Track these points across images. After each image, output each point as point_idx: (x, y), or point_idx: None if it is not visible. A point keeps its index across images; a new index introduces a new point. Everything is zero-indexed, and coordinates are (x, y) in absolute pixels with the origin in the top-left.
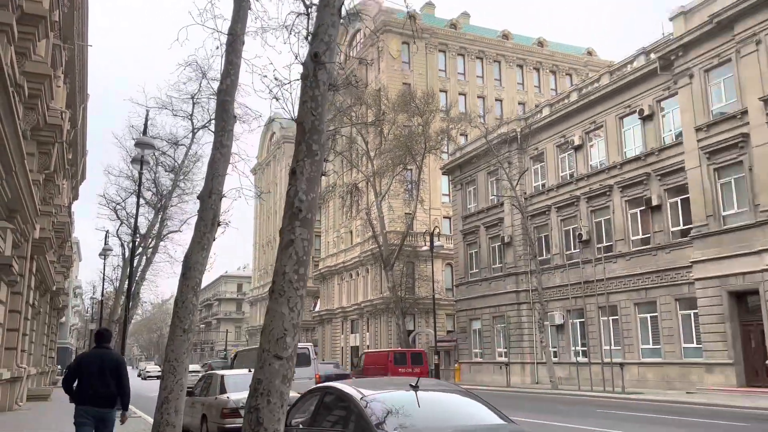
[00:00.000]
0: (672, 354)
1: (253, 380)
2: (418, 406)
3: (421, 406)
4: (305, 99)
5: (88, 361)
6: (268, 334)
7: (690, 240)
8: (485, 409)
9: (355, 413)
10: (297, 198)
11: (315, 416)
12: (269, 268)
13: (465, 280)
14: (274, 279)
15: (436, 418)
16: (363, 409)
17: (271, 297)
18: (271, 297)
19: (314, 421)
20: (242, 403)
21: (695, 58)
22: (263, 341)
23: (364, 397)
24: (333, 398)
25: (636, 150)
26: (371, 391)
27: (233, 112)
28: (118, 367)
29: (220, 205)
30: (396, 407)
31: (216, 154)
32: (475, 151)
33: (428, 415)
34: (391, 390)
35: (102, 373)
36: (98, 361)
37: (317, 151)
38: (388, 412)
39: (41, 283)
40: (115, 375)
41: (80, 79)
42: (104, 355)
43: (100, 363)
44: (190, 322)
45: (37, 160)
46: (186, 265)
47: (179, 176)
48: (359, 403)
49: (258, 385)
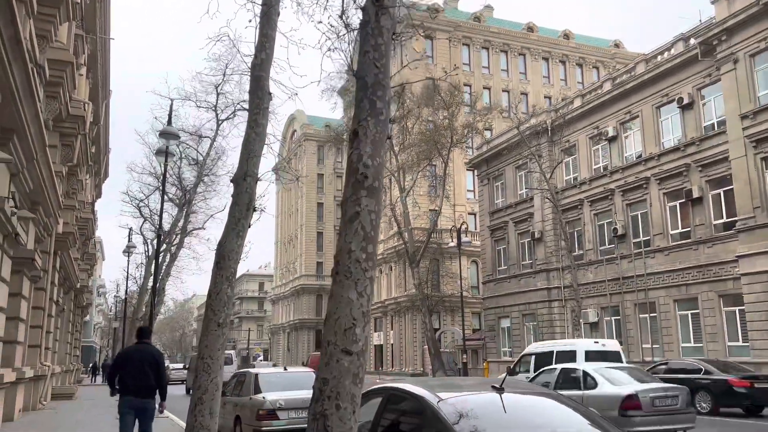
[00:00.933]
0: (716, 353)
1: (317, 380)
2: (504, 411)
3: (507, 412)
4: (367, 49)
5: (129, 355)
6: (334, 324)
7: (735, 233)
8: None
9: (429, 419)
10: (361, 163)
11: (377, 422)
12: (291, 266)
13: (493, 277)
14: (338, 259)
15: (527, 425)
16: (441, 415)
17: (335, 280)
18: (335, 280)
19: (376, 428)
20: (279, 404)
21: (740, 43)
22: (327, 333)
23: (441, 401)
24: (400, 401)
25: (674, 140)
26: (449, 394)
27: (268, 89)
28: (156, 361)
29: (255, 188)
30: (478, 413)
31: (251, 133)
32: (503, 144)
33: (517, 423)
34: (472, 392)
35: (142, 366)
36: (138, 355)
37: (382, 109)
38: (470, 419)
39: (65, 280)
40: (154, 368)
41: (103, 75)
42: (144, 350)
43: (140, 357)
44: (226, 316)
45: (59, 153)
46: (220, 253)
47: (204, 169)
48: (435, 408)
49: (324, 386)
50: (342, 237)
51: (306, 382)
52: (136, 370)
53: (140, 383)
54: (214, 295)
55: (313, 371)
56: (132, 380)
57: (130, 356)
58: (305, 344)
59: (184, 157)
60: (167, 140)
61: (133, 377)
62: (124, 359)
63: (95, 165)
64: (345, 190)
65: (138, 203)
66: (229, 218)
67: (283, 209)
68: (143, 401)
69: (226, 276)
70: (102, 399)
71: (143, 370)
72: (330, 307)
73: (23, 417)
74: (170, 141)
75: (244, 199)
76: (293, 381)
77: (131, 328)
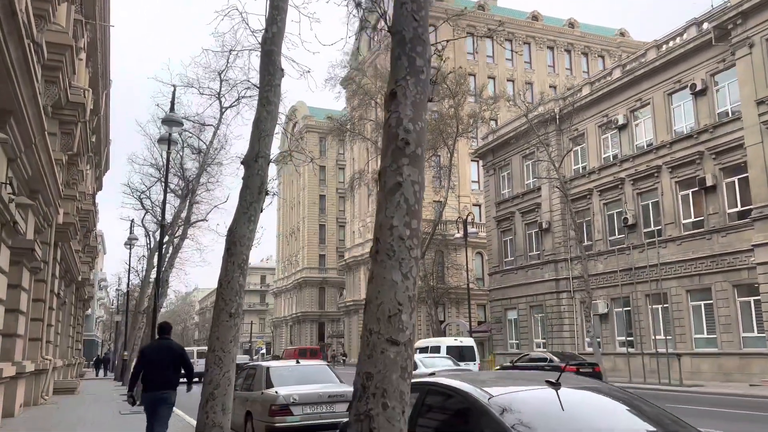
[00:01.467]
0: (730, 344)
1: (360, 376)
2: (561, 409)
3: (565, 410)
4: (404, 0)
5: (150, 351)
6: (376, 310)
7: (750, 222)
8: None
9: (479, 419)
10: (401, 128)
11: (414, 422)
12: (293, 259)
13: (499, 268)
14: (378, 236)
15: (590, 427)
16: (494, 415)
17: (376, 260)
18: (376, 260)
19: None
20: (293, 399)
21: (756, 26)
22: (369, 320)
23: (492, 398)
24: (441, 398)
25: (687, 128)
26: (499, 390)
27: (280, 65)
28: (180, 356)
29: (267, 170)
30: (534, 412)
31: (262, 111)
32: (509, 134)
33: (576, 422)
34: (524, 388)
35: (162, 361)
36: (159, 351)
37: (422, 67)
38: (526, 419)
39: (66, 272)
40: (176, 362)
41: (103, 64)
42: (165, 346)
43: (161, 353)
44: (238, 305)
45: (59, 141)
46: (230, 239)
47: (207, 158)
48: (486, 406)
49: (367, 381)
50: (382, 211)
51: (320, 376)
52: (157, 365)
53: (161, 378)
54: (225, 283)
55: (327, 364)
56: (153, 376)
57: (151, 352)
58: (308, 337)
59: (186, 146)
60: (170, 127)
61: (154, 373)
62: (146, 355)
63: (96, 156)
64: (383, 158)
65: (139, 195)
66: (240, 202)
67: (285, 202)
68: (163, 393)
69: (238, 263)
70: (104, 393)
71: (164, 365)
72: (371, 292)
73: (24, 412)
74: (173, 128)
75: (255, 182)
76: (306, 374)
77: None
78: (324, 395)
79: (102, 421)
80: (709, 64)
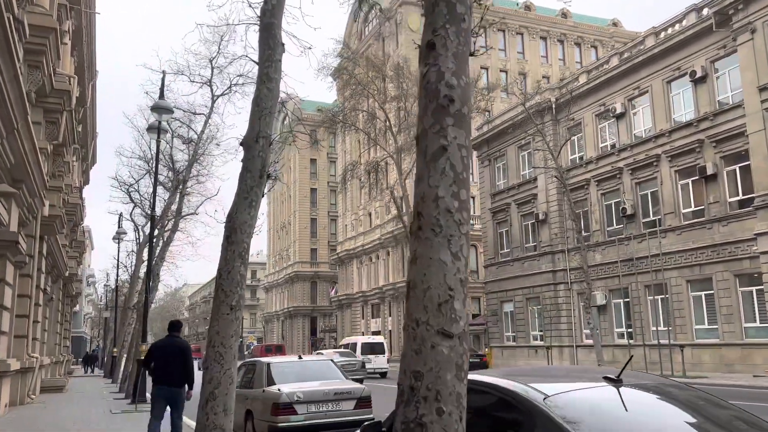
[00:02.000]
0: (731, 335)
1: (406, 374)
2: (624, 409)
3: (629, 410)
4: None
5: (158, 348)
6: (422, 296)
7: (753, 210)
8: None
9: (534, 423)
10: (443, 83)
11: None
12: (284, 253)
13: (495, 260)
14: (419, 210)
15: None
16: (554, 419)
17: (418, 237)
18: (418, 237)
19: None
20: (297, 397)
21: (758, 11)
22: (414, 309)
23: (547, 398)
24: (484, 399)
25: (687, 116)
26: (553, 388)
27: (281, 39)
28: (182, 353)
29: (269, 151)
30: (596, 413)
31: (262, 89)
32: (504, 124)
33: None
34: (581, 385)
35: (168, 358)
36: (166, 347)
37: (463, 15)
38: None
39: (53, 267)
40: (181, 359)
41: (88, 53)
42: (171, 343)
43: (167, 349)
44: (239, 297)
45: (44, 130)
46: (230, 226)
47: (198, 148)
48: (542, 408)
49: (416, 382)
50: (423, 181)
51: (324, 372)
52: (163, 361)
53: (167, 373)
54: (225, 273)
55: (331, 360)
56: (160, 371)
57: (159, 349)
58: (300, 331)
59: (176, 136)
60: (160, 114)
61: (161, 368)
62: (154, 351)
63: (82, 149)
64: (421, 120)
65: (128, 188)
66: (240, 186)
67: (275, 196)
68: (172, 390)
69: (239, 252)
70: (94, 392)
71: (169, 361)
72: (414, 275)
73: (10, 412)
74: (163, 116)
75: (256, 164)
76: (310, 371)
77: (123, 317)
78: (330, 393)
79: (92, 420)
80: (709, 51)
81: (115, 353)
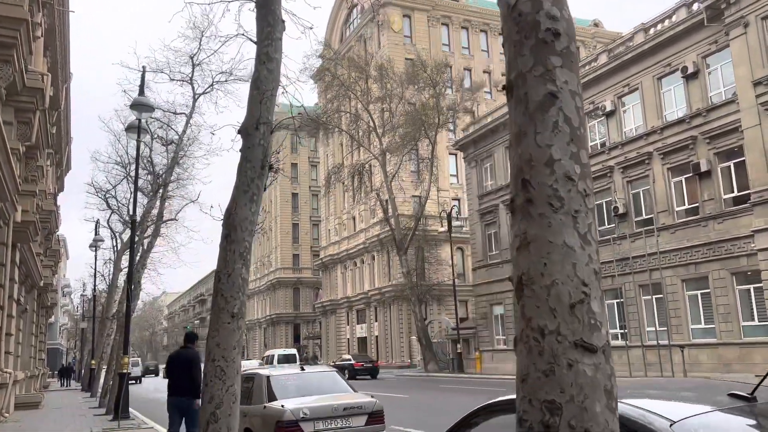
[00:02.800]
0: (729, 334)
1: (533, 406)
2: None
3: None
4: None
5: (171, 358)
6: (546, 295)
7: (749, 207)
8: None
9: None
10: (543, 14)
11: None
12: (265, 259)
13: (484, 262)
14: (526, 177)
15: None
16: None
17: (528, 215)
18: (528, 215)
19: None
20: (303, 414)
21: (750, 5)
22: (533, 312)
23: (674, 424)
24: None
25: (679, 112)
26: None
27: (281, 16)
28: (189, 363)
29: (270, 140)
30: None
31: (261, 70)
32: (492, 124)
33: None
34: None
35: (177, 368)
36: (177, 358)
37: None
38: None
39: (27, 277)
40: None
41: (62, 54)
42: (183, 354)
43: (177, 360)
44: (241, 303)
45: (15, 130)
46: (229, 223)
47: (179, 149)
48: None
49: (551, 416)
50: (528, 138)
51: (329, 385)
52: (175, 372)
53: (176, 384)
54: (224, 277)
55: (336, 370)
56: (171, 381)
57: (171, 360)
58: (283, 339)
59: (156, 137)
60: (140, 112)
61: (171, 378)
62: (168, 363)
63: (57, 155)
64: (513, 61)
65: (105, 194)
66: (239, 179)
67: None
68: (182, 400)
69: (239, 252)
70: (72, 407)
71: (179, 372)
72: (528, 266)
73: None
74: (143, 114)
75: (257, 154)
76: (313, 383)
77: (101, 327)
78: (339, 408)
79: None
80: (701, 46)
81: (93, 365)
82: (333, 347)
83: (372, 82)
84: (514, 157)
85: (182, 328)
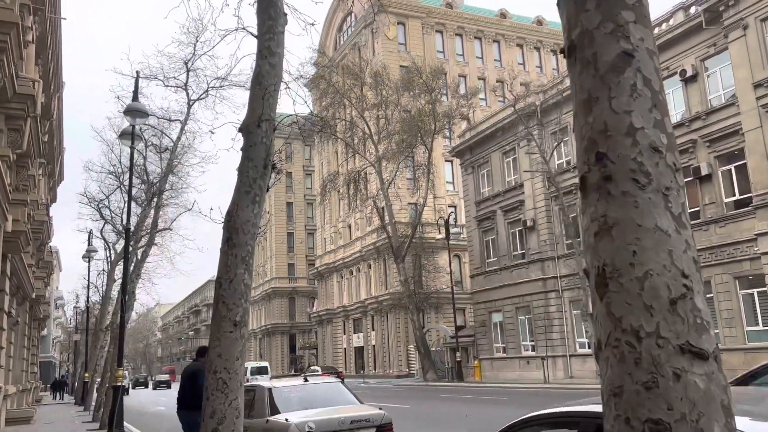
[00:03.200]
0: (733, 339)
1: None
2: None
3: None
4: None
5: (184, 372)
6: (638, 289)
7: (752, 210)
8: None
9: None
10: None
11: None
12: (260, 269)
13: (481, 270)
14: (600, 150)
15: None
16: None
17: (607, 194)
18: (607, 194)
19: None
20: (309, 428)
21: (749, 7)
22: (623, 310)
23: None
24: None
25: (678, 116)
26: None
27: (283, 8)
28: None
29: (273, 138)
30: None
31: (263, 65)
32: (488, 130)
33: None
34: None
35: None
36: (185, 371)
37: None
38: None
39: (18, 289)
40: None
41: (54, 62)
42: (191, 367)
43: (185, 373)
44: (243, 311)
45: (6, 137)
46: (230, 226)
47: (174, 157)
48: None
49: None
50: (601, 104)
51: (334, 396)
52: (185, 385)
53: (182, 397)
54: (225, 283)
55: (340, 381)
56: (180, 394)
57: (182, 373)
58: (279, 349)
59: (150, 145)
60: (134, 118)
61: (181, 391)
62: (182, 377)
63: (49, 165)
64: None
65: (98, 204)
66: (240, 179)
67: None
68: (189, 414)
69: (241, 256)
70: (65, 421)
71: (184, 384)
72: (612, 255)
73: None
74: (137, 120)
75: (259, 152)
76: (318, 395)
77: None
78: (346, 420)
79: None
80: (699, 49)
81: (86, 378)
82: (329, 357)
83: (367, 89)
84: (582, 127)
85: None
